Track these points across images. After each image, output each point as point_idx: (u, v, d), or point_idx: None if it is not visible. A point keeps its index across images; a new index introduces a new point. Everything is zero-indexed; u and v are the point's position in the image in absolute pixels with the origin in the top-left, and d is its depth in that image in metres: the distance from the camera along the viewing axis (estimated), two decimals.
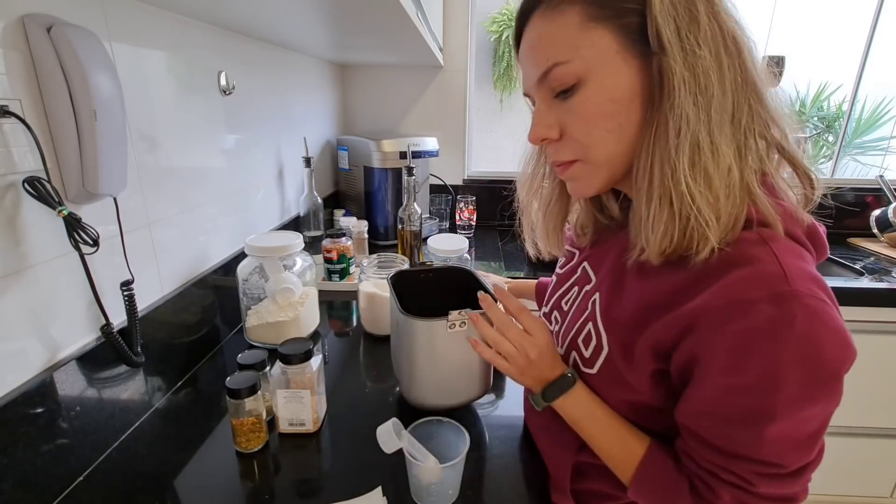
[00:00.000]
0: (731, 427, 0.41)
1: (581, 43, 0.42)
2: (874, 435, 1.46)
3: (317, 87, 1.54)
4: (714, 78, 0.39)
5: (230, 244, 0.99)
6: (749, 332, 0.38)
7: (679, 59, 0.39)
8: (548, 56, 0.44)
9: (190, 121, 0.84)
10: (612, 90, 0.42)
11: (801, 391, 0.38)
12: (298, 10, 0.76)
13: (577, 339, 0.54)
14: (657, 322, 0.44)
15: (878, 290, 1.30)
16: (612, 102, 0.42)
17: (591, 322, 0.52)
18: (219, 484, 0.59)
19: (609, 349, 0.49)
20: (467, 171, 1.91)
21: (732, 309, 0.39)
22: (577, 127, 0.45)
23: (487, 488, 0.59)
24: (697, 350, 0.41)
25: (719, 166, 0.40)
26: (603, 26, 0.41)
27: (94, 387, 0.62)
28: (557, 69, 0.43)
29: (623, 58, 0.41)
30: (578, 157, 0.47)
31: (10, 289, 0.52)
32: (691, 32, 0.39)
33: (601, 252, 0.57)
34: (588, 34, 0.41)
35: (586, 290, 0.56)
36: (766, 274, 0.39)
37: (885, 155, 2.62)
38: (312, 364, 0.66)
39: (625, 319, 0.48)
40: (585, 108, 0.44)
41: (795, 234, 0.43)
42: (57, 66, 0.52)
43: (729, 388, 0.40)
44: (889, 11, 1.69)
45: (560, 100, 0.45)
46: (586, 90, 0.43)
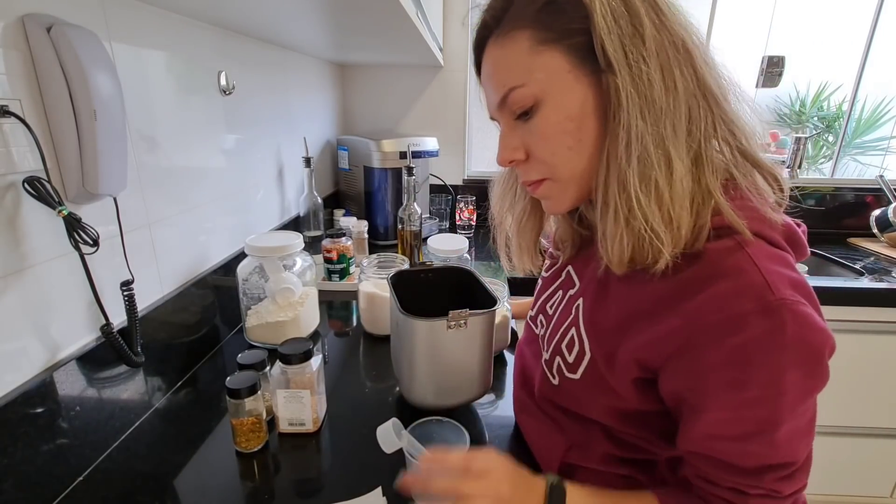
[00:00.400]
0: (746, 443, 0.41)
1: (533, 66, 0.43)
2: (874, 435, 1.46)
3: (317, 87, 1.54)
4: (661, 90, 0.40)
5: (230, 244, 0.99)
6: (747, 346, 0.38)
7: (625, 75, 0.39)
8: (504, 81, 0.45)
9: (190, 121, 0.84)
10: (568, 108, 0.43)
11: (801, 391, 0.39)
12: (298, 9, 0.76)
13: (560, 344, 0.54)
14: (641, 335, 0.44)
15: (878, 290, 1.30)
16: (570, 120, 0.43)
17: (574, 328, 0.52)
18: (219, 484, 0.59)
19: (591, 355, 0.49)
20: (467, 171, 1.91)
21: (726, 324, 0.39)
22: (540, 147, 0.46)
23: None
24: (696, 369, 0.41)
25: (673, 177, 0.40)
26: (552, 48, 0.42)
27: (94, 387, 0.62)
28: (514, 93, 0.44)
29: (575, 76, 0.42)
30: (546, 176, 0.48)
31: (10, 289, 0.52)
32: (636, 47, 0.39)
33: (585, 257, 0.57)
34: (539, 57, 0.42)
35: (570, 295, 0.56)
36: (751, 285, 0.39)
37: (885, 155, 2.62)
38: (312, 364, 0.66)
39: (607, 326, 0.48)
40: (545, 128, 0.45)
41: (772, 237, 0.43)
42: (57, 66, 0.52)
43: (737, 404, 0.40)
44: (889, 11, 1.69)
45: (522, 121, 0.46)
46: (544, 110, 0.44)
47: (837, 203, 1.80)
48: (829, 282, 1.36)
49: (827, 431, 1.47)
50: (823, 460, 1.51)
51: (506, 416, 0.74)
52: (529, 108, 0.45)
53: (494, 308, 0.67)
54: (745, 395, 0.39)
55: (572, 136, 0.44)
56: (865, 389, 1.41)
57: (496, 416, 0.74)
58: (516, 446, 0.67)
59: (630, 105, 0.40)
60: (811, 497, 1.57)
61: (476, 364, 0.68)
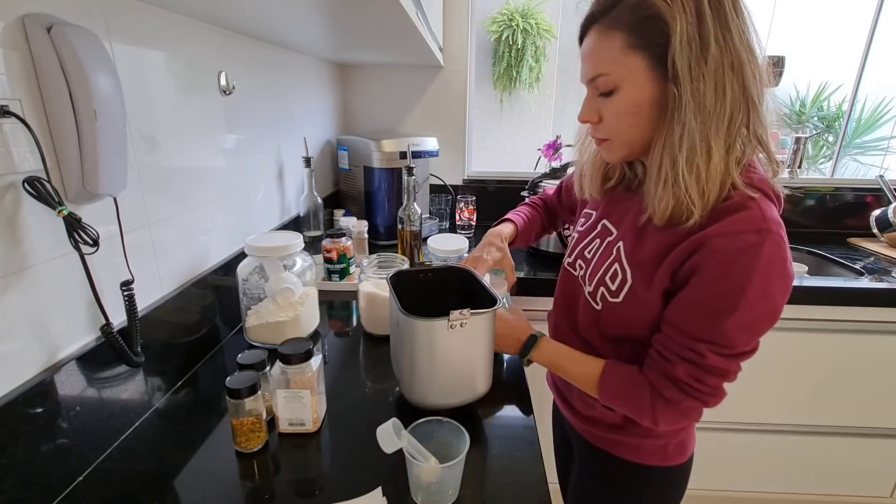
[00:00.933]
0: (705, 316, 0.56)
1: (620, 62, 0.57)
2: (874, 435, 1.46)
3: (317, 87, 1.54)
4: (712, 100, 0.53)
5: (230, 244, 0.99)
6: (736, 252, 0.53)
7: (687, 87, 0.53)
8: (596, 66, 0.59)
9: (190, 121, 0.84)
10: (636, 98, 0.58)
11: (758, 296, 0.54)
12: (299, 10, 0.76)
13: (604, 277, 0.68)
14: (673, 252, 0.59)
15: (878, 290, 1.30)
16: (635, 106, 0.58)
17: (618, 263, 0.66)
18: (219, 484, 0.59)
19: (632, 282, 0.64)
20: (467, 171, 1.91)
21: (728, 236, 0.54)
22: (609, 118, 0.62)
23: (487, 488, 0.59)
24: (699, 263, 0.56)
25: (710, 163, 0.55)
26: (637, 52, 0.55)
27: (94, 387, 0.62)
28: (601, 78, 0.59)
29: (648, 77, 0.56)
30: (609, 138, 0.64)
31: (10, 289, 0.52)
32: (699, 67, 0.52)
33: (620, 211, 0.71)
34: (626, 57, 0.56)
35: (608, 241, 0.70)
36: (753, 216, 0.54)
37: (885, 155, 2.62)
38: (312, 364, 0.66)
39: (646, 258, 0.63)
40: (616, 107, 0.60)
41: (768, 192, 0.57)
42: (57, 66, 0.52)
43: (714, 290, 0.55)
44: (889, 11, 1.69)
45: (603, 97, 0.61)
46: (619, 95, 0.59)
47: (837, 203, 1.80)
48: (829, 282, 1.36)
49: (827, 431, 1.47)
50: (823, 460, 1.51)
51: (506, 415, 0.74)
52: (609, 91, 0.59)
53: (495, 308, 0.67)
54: (722, 286, 0.54)
55: (634, 117, 0.59)
56: (865, 389, 1.41)
57: (496, 416, 0.74)
58: (517, 446, 0.67)
59: (686, 109, 0.54)
60: (811, 497, 1.57)
61: (476, 364, 0.68)
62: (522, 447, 0.67)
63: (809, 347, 1.37)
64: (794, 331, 1.33)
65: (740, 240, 0.53)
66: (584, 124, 0.67)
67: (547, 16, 3.63)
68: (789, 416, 1.46)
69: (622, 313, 0.66)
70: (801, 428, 1.47)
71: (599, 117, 0.63)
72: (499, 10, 3.61)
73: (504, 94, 3.90)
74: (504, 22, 3.58)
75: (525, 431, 0.70)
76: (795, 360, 1.39)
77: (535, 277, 1.35)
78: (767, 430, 1.48)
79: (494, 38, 3.65)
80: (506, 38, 3.59)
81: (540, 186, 1.54)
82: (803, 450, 1.50)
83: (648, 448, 0.72)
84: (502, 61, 3.70)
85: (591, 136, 0.68)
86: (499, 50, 3.70)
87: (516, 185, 1.57)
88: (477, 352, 0.68)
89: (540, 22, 3.60)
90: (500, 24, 3.59)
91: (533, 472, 0.62)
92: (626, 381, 0.64)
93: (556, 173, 1.63)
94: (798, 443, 1.49)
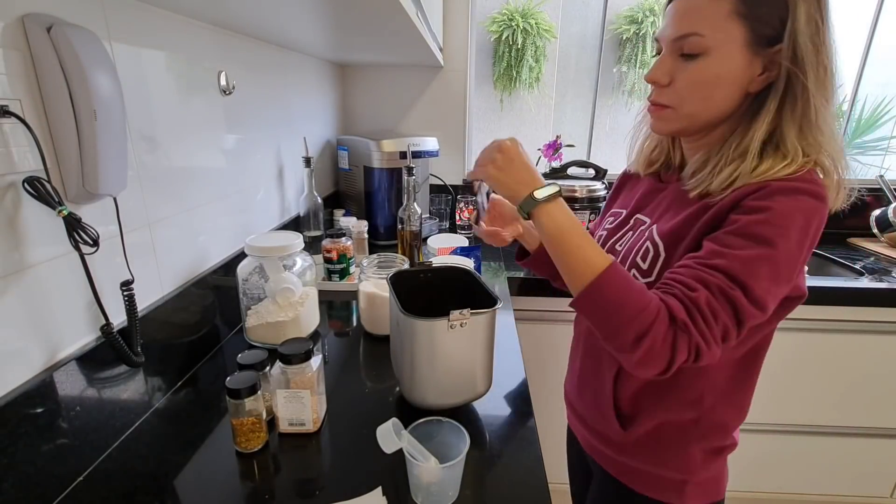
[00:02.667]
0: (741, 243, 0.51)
1: (721, 27, 0.53)
2: (874, 435, 1.46)
3: (317, 87, 1.54)
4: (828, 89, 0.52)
5: (230, 244, 0.99)
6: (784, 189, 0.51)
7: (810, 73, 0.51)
8: (692, 24, 0.54)
9: (190, 121, 0.84)
10: (723, 70, 0.54)
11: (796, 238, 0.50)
12: (299, 10, 0.76)
13: (636, 258, 0.63)
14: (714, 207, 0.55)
15: (878, 290, 1.30)
16: (718, 79, 0.55)
17: (649, 241, 0.62)
18: (219, 484, 0.59)
19: (665, 254, 0.59)
20: (467, 171, 1.91)
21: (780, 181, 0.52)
22: (684, 84, 0.57)
23: (487, 488, 0.59)
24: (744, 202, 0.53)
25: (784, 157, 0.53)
26: (742, 23, 0.52)
27: (94, 387, 0.62)
28: (694, 39, 0.54)
29: (742, 51, 0.53)
30: (673, 105, 0.59)
31: (10, 289, 0.52)
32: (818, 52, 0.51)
33: (653, 203, 0.68)
34: (728, 23, 0.53)
35: (641, 229, 0.67)
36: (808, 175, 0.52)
37: (885, 155, 2.62)
38: (312, 364, 0.66)
39: (679, 222, 0.58)
40: (697, 75, 0.56)
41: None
42: (57, 66, 0.52)
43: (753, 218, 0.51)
44: (889, 11, 1.69)
45: (683, 59, 0.56)
46: (706, 62, 0.55)
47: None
48: (829, 282, 1.36)
49: (827, 431, 1.47)
50: (823, 460, 1.51)
51: (506, 416, 0.74)
52: (695, 55, 0.55)
53: (495, 308, 0.67)
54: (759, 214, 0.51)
55: (711, 90, 0.56)
56: (865, 389, 1.41)
57: (496, 417, 0.74)
58: (517, 446, 0.67)
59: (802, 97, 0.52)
60: (811, 497, 1.57)
61: (476, 364, 0.68)
62: (522, 447, 0.67)
63: (809, 347, 1.37)
64: (794, 331, 1.33)
65: (790, 183, 0.51)
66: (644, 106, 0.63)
67: (547, 16, 3.63)
68: (789, 416, 1.46)
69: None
70: (800, 428, 1.47)
71: (671, 80, 0.58)
72: (499, 10, 3.62)
73: (504, 94, 3.90)
74: (504, 22, 3.58)
75: (525, 431, 0.70)
76: (795, 360, 1.39)
77: (534, 277, 1.35)
78: (767, 430, 1.48)
79: (494, 38, 3.65)
80: (506, 38, 3.59)
81: None
82: (803, 450, 1.50)
83: (668, 482, 0.65)
84: (502, 61, 3.70)
85: (651, 100, 0.61)
86: (499, 50, 3.70)
87: None
88: (477, 352, 0.68)
89: (540, 22, 3.60)
90: (500, 24, 3.59)
91: (533, 472, 0.62)
92: (633, 285, 0.53)
93: (556, 173, 1.63)
94: (798, 443, 1.49)
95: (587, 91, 3.96)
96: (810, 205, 0.51)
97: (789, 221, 0.50)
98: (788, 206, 0.51)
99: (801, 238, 0.51)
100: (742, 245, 0.51)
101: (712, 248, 0.52)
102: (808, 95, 0.52)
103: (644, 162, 0.72)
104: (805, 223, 0.51)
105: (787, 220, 0.50)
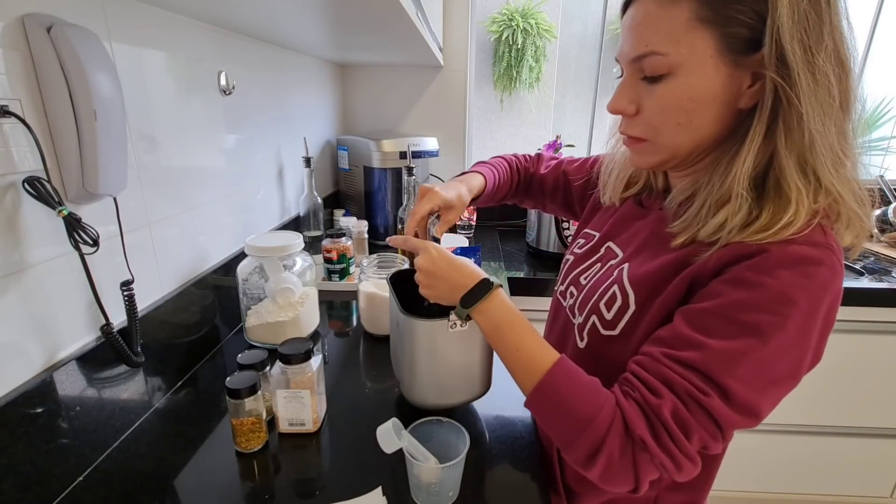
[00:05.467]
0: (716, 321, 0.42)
1: (682, 40, 0.43)
2: (874, 435, 1.46)
3: (317, 87, 1.54)
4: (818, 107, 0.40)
5: (230, 244, 0.99)
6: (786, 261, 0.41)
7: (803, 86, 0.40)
8: (648, 41, 0.45)
9: (190, 121, 0.84)
10: (695, 90, 0.44)
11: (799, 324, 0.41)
12: (299, 9, 0.76)
13: (598, 303, 0.55)
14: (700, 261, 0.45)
15: (878, 290, 1.30)
16: (691, 101, 0.45)
17: (617, 285, 0.53)
18: (219, 484, 0.59)
19: (635, 307, 0.50)
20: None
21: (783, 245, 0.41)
22: (653, 112, 0.47)
23: (487, 488, 0.59)
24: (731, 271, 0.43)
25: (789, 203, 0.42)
26: (707, 30, 0.42)
27: (94, 387, 0.62)
28: (653, 58, 0.45)
29: (715, 63, 0.43)
30: (647, 138, 0.49)
31: (10, 289, 0.52)
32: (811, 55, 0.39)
33: (629, 231, 0.59)
34: (691, 34, 0.42)
35: (611, 264, 0.58)
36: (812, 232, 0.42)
37: (885, 155, 2.62)
38: (312, 364, 0.66)
39: (655, 269, 0.49)
40: (666, 100, 0.46)
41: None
42: (57, 66, 0.52)
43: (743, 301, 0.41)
44: (889, 11, 1.69)
45: (646, 82, 0.47)
46: (672, 83, 0.45)
47: None
48: None
49: (827, 431, 1.47)
50: (823, 460, 1.51)
51: (506, 416, 0.74)
52: (658, 76, 0.45)
53: None
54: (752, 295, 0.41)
55: (687, 115, 0.45)
56: (865, 389, 1.41)
57: (496, 416, 0.74)
58: (517, 446, 0.67)
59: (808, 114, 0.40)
60: (811, 497, 1.57)
61: (476, 364, 0.68)
62: (522, 447, 0.67)
63: None
64: None
65: (793, 250, 0.41)
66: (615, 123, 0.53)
67: (547, 16, 3.64)
68: (789, 416, 1.46)
69: (615, 347, 0.52)
70: (801, 428, 1.47)
71: (637, 109, 0.48)
72: (499, 10, 3.62)
73: (504, 94, 3.90)
74: (504, 22, 3.58)
75: (525, 431, 0.70)
76: None
77: (534, 277, 1.35)
78: (767, 430, 1.48)
79: (494, 38, 3.66)
80: (506, 38, 3.60)
81: None
82: (803, 450, 1.50)
83: None
84: (502, 61, 3.70)
85: (622, 132, 0.52)
86: (499, 50, 3.71)
87: None
88: (477, 352, 0.68)
89: (540, 22, 3.60)
90: (500, 24, 3.60)
91: (533, 472, 0.62)
92: (581, 387, 0.46)
93: None
94: (798, 443, 1.49)
95: (587, 91, 3.97)
96: (820, 280, 0.40)
97: (789, 307, 0.40)
98: (790, 283, 0.40)
99: (804, 326, 0.41)
100: (724, 332, 0.41)
101: (684, 334, 0.43)
102: (802, 113, 0.40)
103: (623, 182, 0.63)
104: (811, 307, 0.41)
105: (787, 304, 0.40)
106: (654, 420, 0.42)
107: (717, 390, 0.41)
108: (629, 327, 0.50)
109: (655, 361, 0.44)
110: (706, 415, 0.41)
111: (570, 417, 0.44)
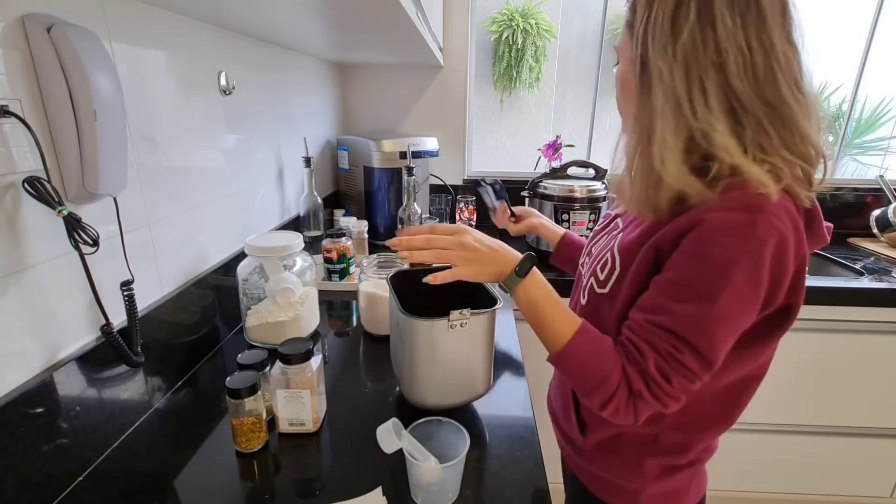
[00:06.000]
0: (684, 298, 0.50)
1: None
2: (874, 435, 1.46)
3: (317, 87, 1.54)
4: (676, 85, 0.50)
5: (230, 244, 0.99)
6: (722, 229, 0.48)
7: (655, 66, 0.51)
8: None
9: (190, 121, 0.84)
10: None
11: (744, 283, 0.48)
12: (298, 10, 0.76)
13: (596, 266, 0.64)
14: (660, 232, 0.54)
15: (878, 290, 1.30)
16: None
17: (609, 252, 0.62)
18: (219, 484, 0.59)
19: (619, 270, 0.59)
20: (467, 171, 1.91)
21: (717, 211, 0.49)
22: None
23: (487, 488, 0.59)
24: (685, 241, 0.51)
25: (657, 158, 0.52)
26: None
27: (94, 387, 0.62)
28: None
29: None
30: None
31: (10, 289, 0.52)
32: (665, 50, 0.50)
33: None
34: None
35: (612, 234, 0.67)
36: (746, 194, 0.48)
37: (885, 155, 2.62)
38: (312, 364, 0.66)
39: (633, 240, 0.58)
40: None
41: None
42: (57, 66, 0.52)
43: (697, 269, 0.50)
44: (889, 12, 1.69)
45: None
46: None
47: (837, 203, 1.80)
48: (829, 282, 1.36)
49: (827, 431, 1.47)
50: (823, 460, 1.51)
51: (506, 415, 0.74)
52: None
53: (495, 308, 0.67)
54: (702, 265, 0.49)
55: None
56: (865, 389, 1.41)
57: (496, 416, 0.74)
58: (517, 446, 0.67)
59: (653, 90, 0.52)
60: (811, 497, 1.57)
61: (476, 364, 0.68)
62: (522, 447, 0.67)
63: (809, 347, 1.37)
64: (794, 331, 1.32)
65: (728, 216, 0.48)
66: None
67: (547, 16, 3.63)
68: (789, 416, 1.46)
69: (604, 305, 0.61)
70: (800, 428, 1.47)
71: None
72: (499, 10, 3.61)
73: (504, 94, 3.90)
74: (504, 22, 3.58)
75: (525, 431, 0.70)
76: (795, 360, 1.39)
77: None
78: (767, 430, 1.48)
79: (494, 38, 3.65)
80: (506, 38, 3.59)
81: (540, 186, 1.54)
82: (803, 450, 1.50)
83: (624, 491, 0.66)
84: (502, 61, 3.70)
85: None
86: (499, 50, 3.70)
87: (516, 185, 1.57)
88: (477, 352, 0.68)
89: (540, 22, 3.59)
90: (500, 24, 3.59)
91: (533, 472, 0.62)
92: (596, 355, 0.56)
93: (556, 173, 1.63)
94: (798, 443, 1.49)
95: (587, 91, 3.96)
96: (758, 238, 0.47)
97: (734, 268, 0.47)
98: (732, 248, 0.47)
99: (752, 276, 0.48)
100: (684, 297, 0.50)
101: (657, 302, 0.53)
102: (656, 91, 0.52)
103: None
104: (754, 262, 0.47)
105: (732, 266, 0.47)
106: (646, 377, 0.53)
107: (688, 347, 0.50)
108: (615, 289, 0.59)
109: (640, 327, 0.54)
110: (682, 367, 0.51)
111: (589, 377, 0.55)
